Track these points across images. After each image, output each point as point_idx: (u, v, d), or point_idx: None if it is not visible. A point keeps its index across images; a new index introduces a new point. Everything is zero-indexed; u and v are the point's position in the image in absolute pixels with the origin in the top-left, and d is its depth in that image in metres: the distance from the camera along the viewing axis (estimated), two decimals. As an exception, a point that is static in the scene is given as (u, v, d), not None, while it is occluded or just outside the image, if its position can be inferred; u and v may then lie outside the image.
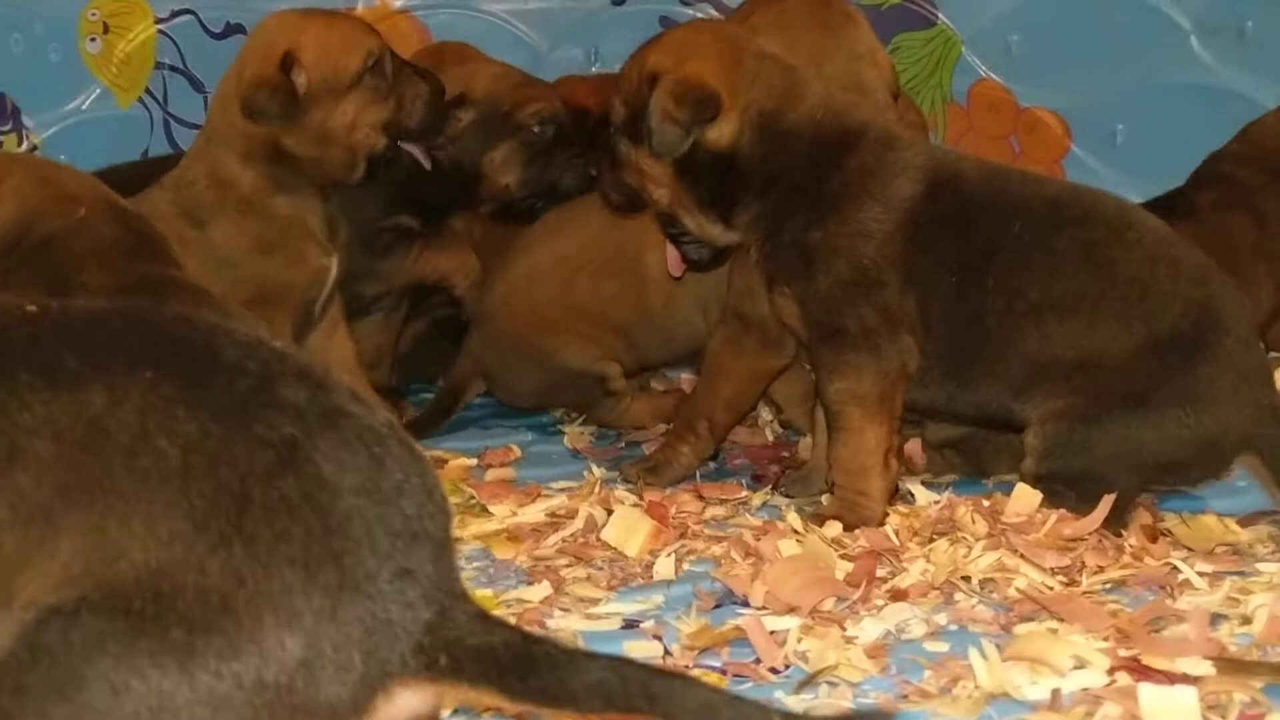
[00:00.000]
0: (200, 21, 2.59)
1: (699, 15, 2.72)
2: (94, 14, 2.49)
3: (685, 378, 1.96)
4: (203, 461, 0.76)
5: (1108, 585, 1.16)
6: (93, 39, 2.50)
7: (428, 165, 1.74)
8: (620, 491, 1.45)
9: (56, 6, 2.47)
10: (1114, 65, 2.47)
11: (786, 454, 1.65)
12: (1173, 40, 2.41)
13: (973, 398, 1.35)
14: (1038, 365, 1.29)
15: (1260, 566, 1.20)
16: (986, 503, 1.27)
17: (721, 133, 1.37)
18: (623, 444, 1.76)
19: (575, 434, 1.79)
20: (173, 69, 2.58)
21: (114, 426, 0.77)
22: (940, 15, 2.62)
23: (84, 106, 2.50)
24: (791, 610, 1.12)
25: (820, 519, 1.31)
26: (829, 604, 1.13)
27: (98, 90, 2.51)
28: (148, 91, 2.56)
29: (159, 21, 2.55)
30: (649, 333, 1.78)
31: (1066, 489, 1.25)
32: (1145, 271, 1.28)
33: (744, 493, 1.48)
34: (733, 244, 1.44)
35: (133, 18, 2.53)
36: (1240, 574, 1.19)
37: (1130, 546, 1.21)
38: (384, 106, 1.65)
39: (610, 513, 1.35)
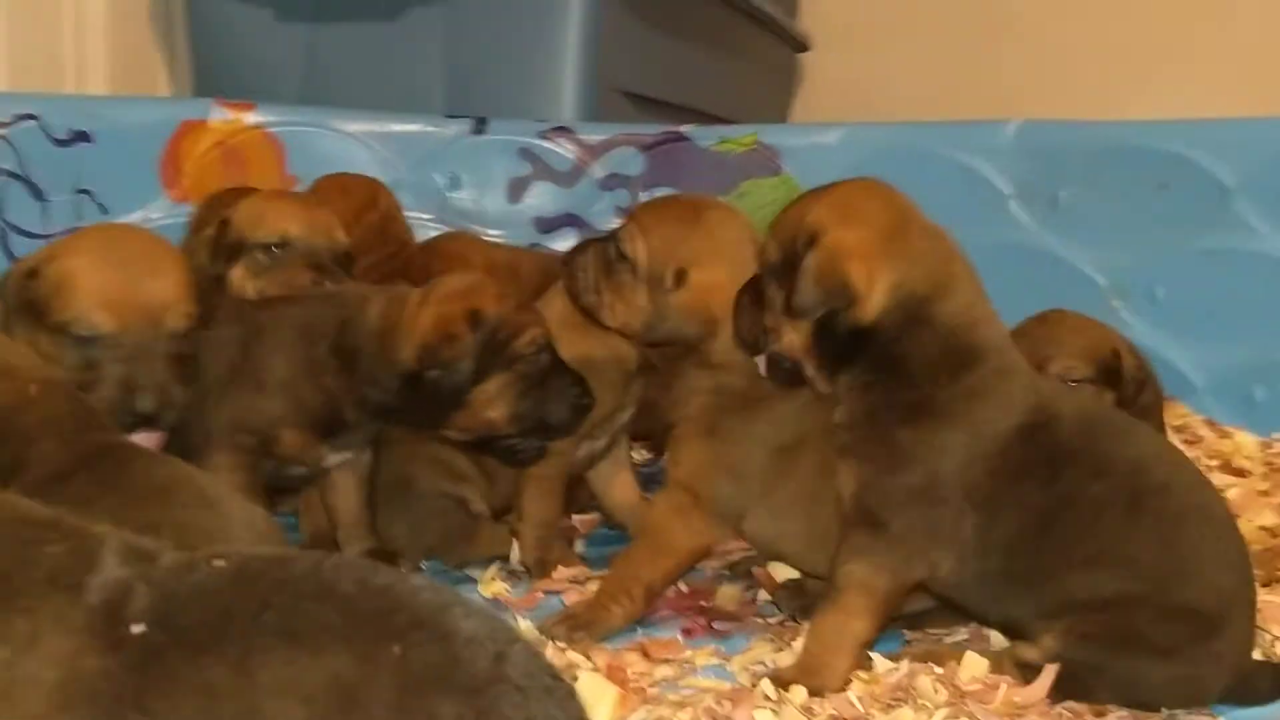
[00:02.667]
0: (42, 127, 2.47)
1: (555, 149, 2.81)
2: (-74, 114, 2.34)
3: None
4: None
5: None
6: (-76, 140, 2.34)
7: None
8: (572, 654, 1.47)
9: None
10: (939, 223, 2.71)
11: (705, 603, 1.71)
12: (994, 202, 2.66)
13: (997, 609, 1.41)
14: (1076, 601, 1.35)
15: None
16: (940, 669, 1.37)
17: (873, 302, 1.37)
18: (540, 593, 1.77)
19: (489, 581, 1.79)
20: (11, 175, 2.44)
21: (370, 700, 0.75)
22: (783, 165, 2.80)
23: (-87, 213, 2.33)
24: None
25: (783, 681, 1.37)
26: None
27: (-72, 195, 2.35)
28: (-17, 198, 2.41)
29: (-1, 125, 2.42)
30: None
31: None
32: (1200, 552, 1.36)
33: (686, 651, 1.52)
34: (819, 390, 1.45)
35: (-32, 119, 2.38)
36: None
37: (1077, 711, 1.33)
38: None
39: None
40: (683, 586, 1.72)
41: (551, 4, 2.88)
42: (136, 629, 0.79)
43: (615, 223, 2.77)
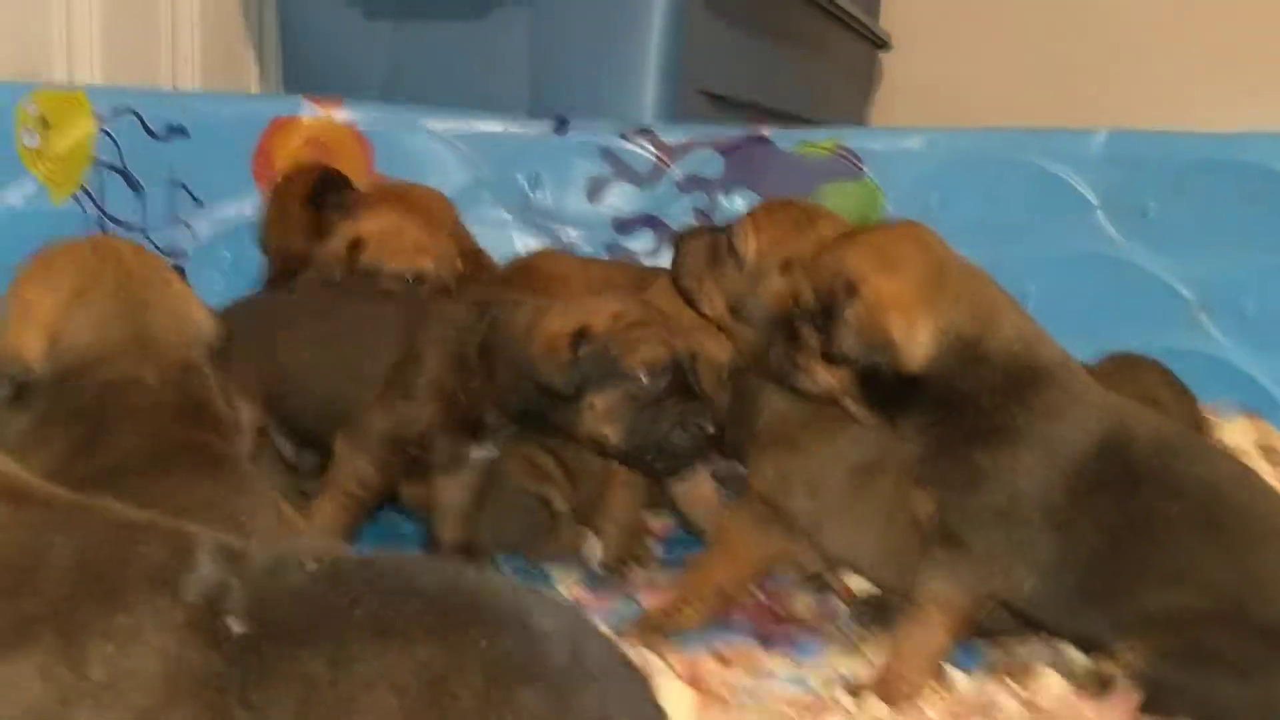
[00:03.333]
0: (142, 121, 2.54)
1: (635, 149, 2.83)
2: (32, 107, 2.41)
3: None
4: None
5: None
6: (30, 132, 2.41)
7: None
8: (650, 655, 1.49)
9: (-7, 99, 2.38)
10: (1022, 231, 2.68)
11: (781, 611, 1.72)
12: (1080, 212, 2.63)
13: (1074, 625, 1.42)
14: (1155, 619, 1.35)
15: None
16: (1017, 685, 1.37)
17: (913, 356, 1.38)
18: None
19: (567, 580, 1.81)
20: (110, 167, 2.51)
21: (460, 690, 0.78)
22: (865, 169, 2.79)
23: (16, 201, 2.41)
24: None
25: (860, 692, 1.38)
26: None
27: (32, 186, 2.42)
28: (83, 189, 2.49)
29: (100, 119, 2.48)
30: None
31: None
32: (1278, 573, 1.37)
33: (763, 658, 1.54)
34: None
35: (72, 113, 2.46)
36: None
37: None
38: None
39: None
40: (760, 594, 1.74)
41: (636, 4, 2.90)
42: (236, 626, 0.83)
43: (692, 223, 2.81)
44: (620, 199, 2.82)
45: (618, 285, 2.23)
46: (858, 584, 1.73)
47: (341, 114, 2.72)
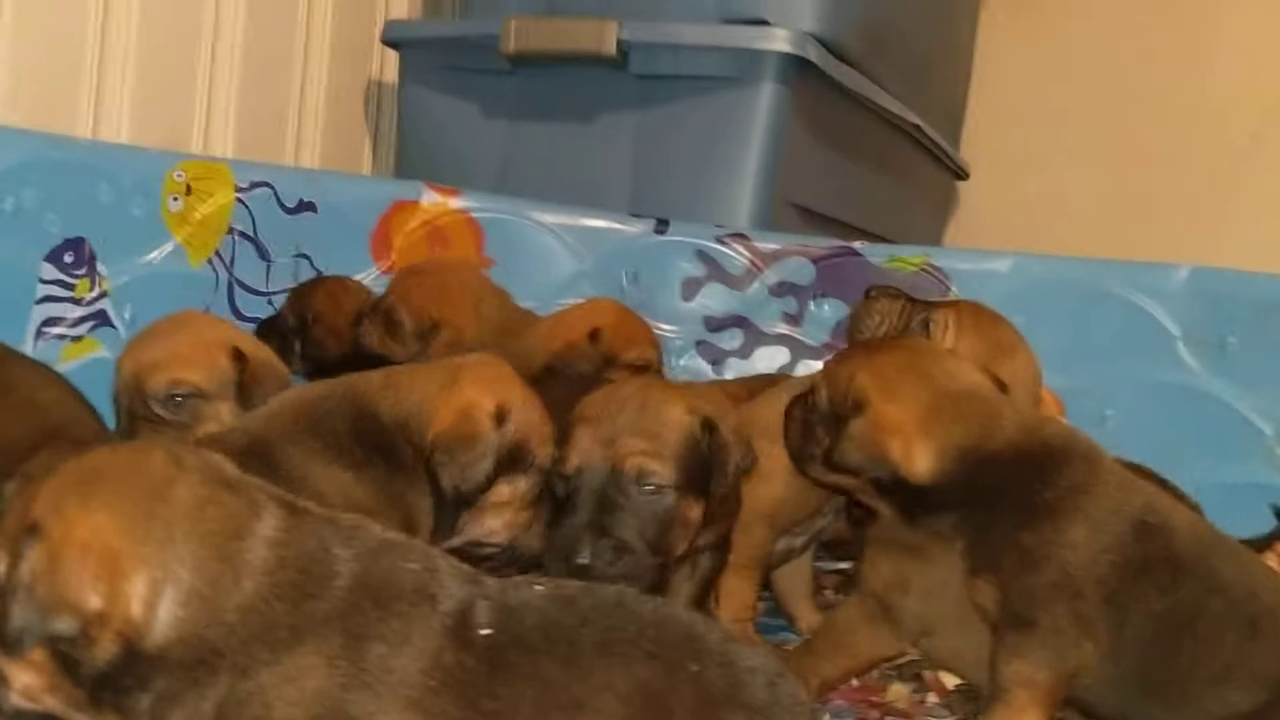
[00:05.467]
0: (276, 195, 2.71)
1: (730, 253, 2.96)
2: (180, 175, 2.58)
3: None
4: None
5: None
6: (175, 198, 2.58)
7: None
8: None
9: (145, 164, 2.55)
10: (1103, 358, 2.76)
11: (875, 699, 1.78)
12: (1161, 343, 2.72)
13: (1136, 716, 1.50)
14: (1214, 716, 1.44)
15: None
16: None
17: (917, 471, 1.50)
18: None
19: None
20: (243, 235, 2.67)
21: (675, 706, 0.88)
22: (953, 287, 2.90)
23: (156, 260, 2.57)
24: None
25: (955, 774, 1.44)
26: None
27: (171, 246, 2.59)
28: (217, 254, 2.65)
29: (238, 190, 2.66)
30: None
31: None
32: None
33: (863, 742, 1.60)
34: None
35: (215, 183, 2.63)
36: None
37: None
38: None
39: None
40: (853, 681, 1.80)
41: (739, 119, 3.06)
42: (484, 632, 0.94)
43: (781, 327, 2.92)
44: (713, 299, 2.94)
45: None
46: (952, 681, 1.79)
47: (457, 201, 2.88)
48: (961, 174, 4.45)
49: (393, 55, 3.40)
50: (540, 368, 2.25)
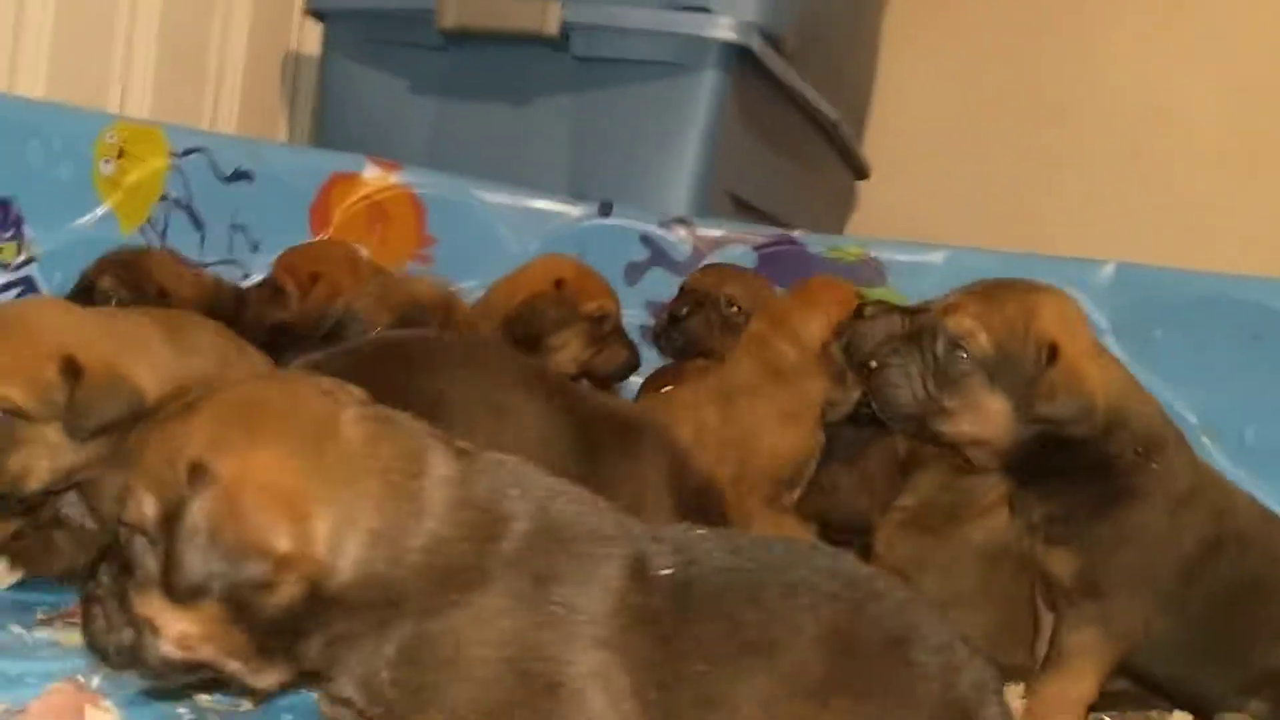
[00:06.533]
0: (212, 161, 2.57)
1: (673, 238, 2.96)
2: (113, 137, 2.43)
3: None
4: None
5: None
6: (107, 161, 2.42)
7: None
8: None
9: (78, 124, 2.39)
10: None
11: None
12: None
13: (1194, 683, 1.55)
14: (1275, 673, 1.51)
15: None
16: (1144, 742, 1.47)
17: (1087, 424, 1.48)
18: None
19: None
20: (177, 203, 2.53)
21: (864, 643, 0.88)
22: (889, 278, 2.95)
23: (87, 226, 2.40)
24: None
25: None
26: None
27: (102, 211, 2.43)
28: (149, 222, 2.50)
29: (172, 155, 2.51)
30: None
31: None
32: None
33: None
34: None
35: (147, 147, 2.48)
36: None
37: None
38: None
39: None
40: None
41: (680, 105, 3.05)
42: (665, 572, 0.92)
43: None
44: (657, 284, 2.93)
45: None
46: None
47: (398, 176, 2.79)
48: (863, 172, 4.54)
49: (314, 25, 3.27)
50: (500, 322, 2.27)
